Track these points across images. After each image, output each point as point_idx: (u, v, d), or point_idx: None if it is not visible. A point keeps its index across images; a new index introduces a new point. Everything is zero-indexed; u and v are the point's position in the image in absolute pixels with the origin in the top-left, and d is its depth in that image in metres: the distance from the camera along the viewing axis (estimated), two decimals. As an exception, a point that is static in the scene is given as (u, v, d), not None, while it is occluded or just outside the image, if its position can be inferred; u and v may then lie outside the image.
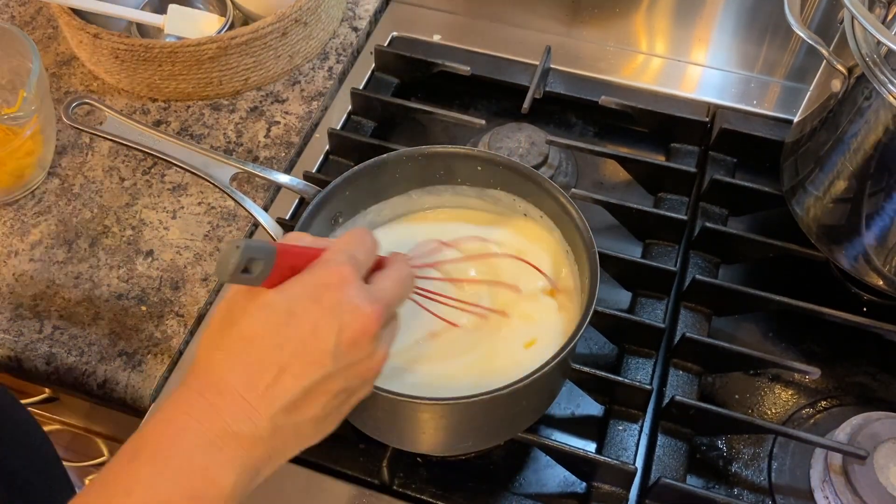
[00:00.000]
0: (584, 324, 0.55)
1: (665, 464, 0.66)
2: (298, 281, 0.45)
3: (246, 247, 0.42)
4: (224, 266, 0.42)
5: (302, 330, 0.44)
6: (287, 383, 0.44)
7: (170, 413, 0.44)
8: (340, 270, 0.46)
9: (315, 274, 0.46)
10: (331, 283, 0.45)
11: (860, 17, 0.55)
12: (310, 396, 0.45)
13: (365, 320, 0.45)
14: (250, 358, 0.44)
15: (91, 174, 0.85)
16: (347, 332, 0.45)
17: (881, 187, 0.63)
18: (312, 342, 0.44)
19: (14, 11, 1.01)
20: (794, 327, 0.75)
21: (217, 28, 0.91)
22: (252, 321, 0.44)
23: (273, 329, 0.44)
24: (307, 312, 0.44)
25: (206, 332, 0.47)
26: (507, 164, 0.66)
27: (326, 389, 0.45)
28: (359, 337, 0.45)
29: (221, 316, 0.46)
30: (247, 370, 0.44)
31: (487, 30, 0.98)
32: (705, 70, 0.94)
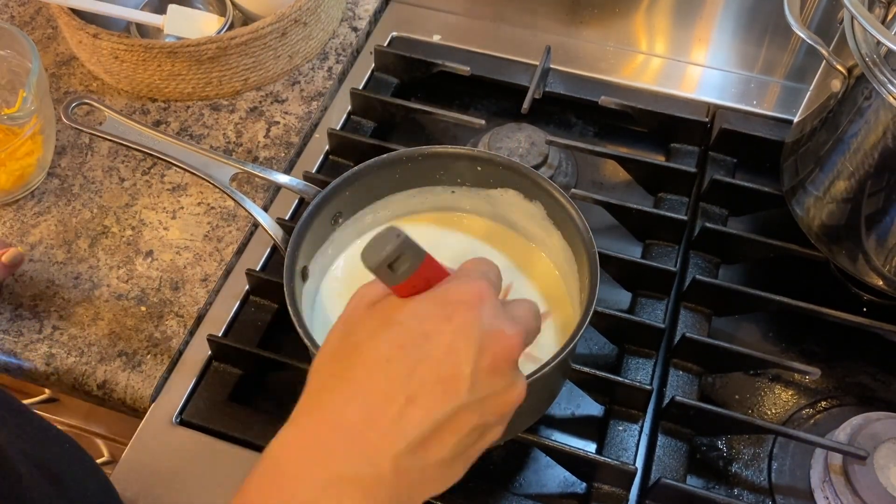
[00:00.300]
0: (584, 324, 0.55)
1: (665, 464, 0.66)
2: (430, 296, 0.40)
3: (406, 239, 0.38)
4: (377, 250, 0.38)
5: (435, 353, 0.38)
6: (415, 417, 0.37)
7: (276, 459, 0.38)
8: (479, 286, 0.40)
9: (449, 289, 0.40)
10: (468, 301, 0.39)
11: (860, 17, 0.55)
12: (440, 433, 0.38)
13: (507, 343, 0.39)
14: (373, 387, 0.38)
15: (91, 174, 0.85)
16: (487, 356, 0.39)
17: (881, 187, 0.63)
18: (447, 368, 0.38)
19: (14, 11, 1.01)
20: (794, 327, 0.75)
21: (217, 28, 0.91)
22: (378, 344, 0.38)
23: (401, 352, 0.38)
24: (442, 332, 0.38)
25: (320, 354, 0.41)
26: (507, 164, 0.66)
27: (459, 425, 0.39)
28: (500, 362, 0.39)
29: (339, 340, 0.40)
30: (368, 402, 0.38)
31: (487, 30, 0.97)
32: (705, 70, 0.94)
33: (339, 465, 0.37)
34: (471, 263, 0.43)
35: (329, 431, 0.38)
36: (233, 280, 0.78)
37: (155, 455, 0.67)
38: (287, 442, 0.39)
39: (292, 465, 0.38)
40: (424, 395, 0.38)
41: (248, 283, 0.76)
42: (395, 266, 0.39)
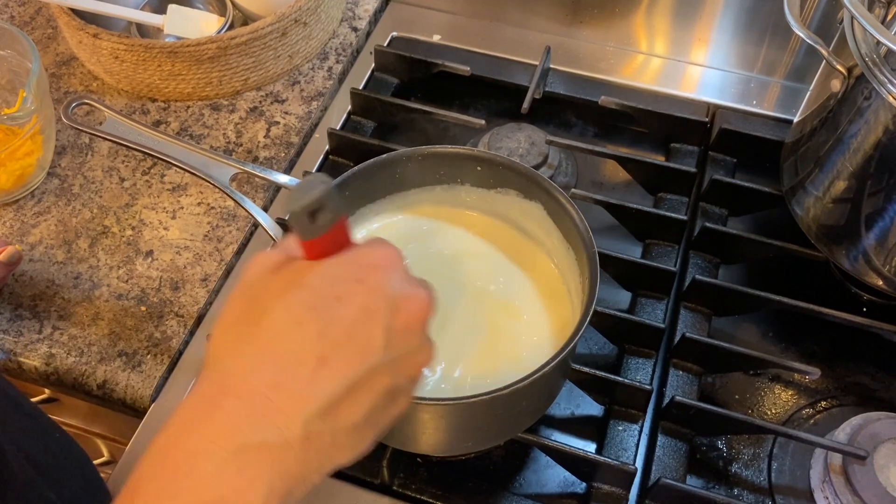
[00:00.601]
0: (584, 324, 0.55)
1: (665, 464, 0.66)
2: (341, 259, 0.38)
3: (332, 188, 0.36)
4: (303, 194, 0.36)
5: (348, 314, 0.37)
6: (328, 378, 0.36)
7: (176, 433, 0.36)
8: (389, 251, 0.40)
9: (361, 252, 0.39)
10: (379, 264, 0.39)
11: (860, 17, 0.55)
12: (352, 395, 0.37)
13: (419, 303, 0.39)
14: (283, 349, 0.36)
15: (91, 174, 0.85)
16: (401, 316, 0.38)
17: (881, 187, 0.63)
18: (360, 328, 0.37)
19: (14, 11, 1.01)
20: (794, 327, 0.75)
21: (217, 28, 0.91)
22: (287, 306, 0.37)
23: (312, 314, 0.36)
24: (354, 293, 0.37)
25: (219, 324, 0.39)
26: (507, 164, 0.66)
27: (372, 386, 0.38)
28: (413, 322, 0.39)
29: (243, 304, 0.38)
30: (277, 365, 0.36)
31: (487, 30, 0.97)
32: (705, 70, 0.94)
33: (244, 433, 0.35)
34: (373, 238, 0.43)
35: (233, 399, 0.36)
36: (233, 280, 0.78)
37: (155, 455, 0.67)
38: (187, 414, 0.37)
39: (193, 437, 0.35)
40: (337, 355, 0.36)
41: (248, 283, 0.75)
42: (317, 217, 0.37)
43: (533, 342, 0.62)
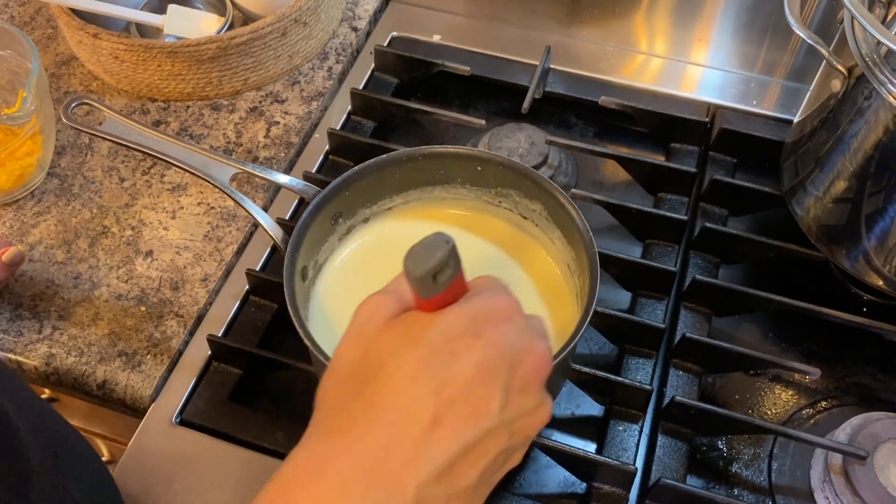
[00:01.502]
0: (584, 324, 0.55)
1: (665, 464, 0.66)
2: (458, 310, 0.37)
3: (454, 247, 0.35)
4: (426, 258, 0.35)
5: (465, 372, 0.35)
6: (442, 440, 0.34)
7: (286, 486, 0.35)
8: (508, 301, 0.38)
9: (478, 303, 0.37)
10: (498, 317, 0.37)
11: (860, 17, 0.55)
12: (467, 458, 0.35)
13: (538, 360, 0.37)
14: (397, 408, 0.34)
15: (90, 174, 0.85)
16: (519, 374, 0.37)
17: (881, 187, 0.63)
18: (477, 387, 0.35)
19: (14, 11, 1.01)
20: (794, 327, 0.75)
21: (216, 28, 0.91)
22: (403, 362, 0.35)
23: (429, 370, 0.35)
24: (471, 350, 0.35)
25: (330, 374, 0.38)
26: (507, 164, 0.66)
27: (486, 448, 0.36)
28: (531, 380, 0.37)
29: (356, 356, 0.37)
30: (390, 425, 0.34)
31: (487, 30, 0.97)
32: (705, 70, 0.94)
33: (354, 496, 0.34)
34: (486, 280, 0.41)
35: (346, 458, 0.34)
36: (233, 280, 0.78)
37: (155, 455, 0.67)
38: (299, 469, 0.35)
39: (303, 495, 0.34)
40: (452, 416, 0.35)
41: (248, 283, 0.76)
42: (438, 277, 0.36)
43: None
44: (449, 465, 0.35)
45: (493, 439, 0.36)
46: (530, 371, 0.37)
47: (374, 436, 0.34)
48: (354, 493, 0.34)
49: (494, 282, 0.40)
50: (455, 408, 0.35)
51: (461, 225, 0.70)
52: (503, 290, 0.39)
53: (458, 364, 0.35)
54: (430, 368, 0.35)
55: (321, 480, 0.34)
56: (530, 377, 0.37)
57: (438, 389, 0.35)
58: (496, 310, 0.37)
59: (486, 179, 0.68)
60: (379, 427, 0.34)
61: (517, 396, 0.36)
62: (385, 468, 0.34)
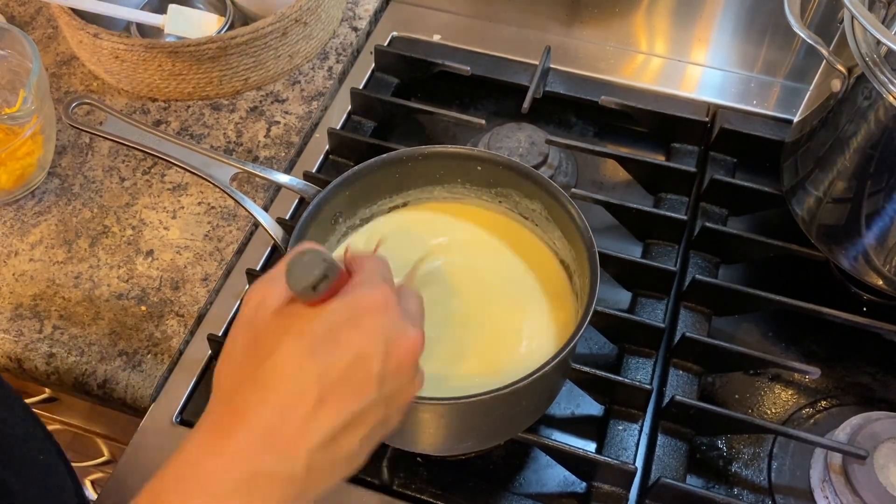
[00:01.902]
0: (584, 324, 0.55)
1: (665, 464, 0.66)
2: (338, 303, 0.42)
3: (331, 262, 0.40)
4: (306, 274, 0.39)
5: (345, 357, 0.40)
6: (327, 415, 0.40)
7: (193, 455, 0.40)
8: (383, 292, 0.43)
9: (356, 296, 0.42)
10: (373, 307, 0.42)
11: (860, 16, 0.55)
12: (349, 429, 0.41)
13: (410, 344, 0.43)
14: (286, 390, 0.40)
15: (91, 174, 0.85)
16: (394, 357, 0.42)
17: (881, 187, 0.63)
18: (356, 370, 0.41)
19: (14, 11, 1.01)
20: (794, 327, 0.75)
21: (217, 28, 0.91)
22: (288, 349, 0.40)
23: (313, 358, 0.40)
24: (350, 339, 0.41)
25: (226, 357, 0.43)
26: (506, 164, 0.66)
27: (366, 420, 0.42)
28: (404, 362, 0.43)
29: (248, 342, 0.42)
30: (281, 403, 0.40)
31: (487, 30, 0.97)
32: (705, 70, 0.94)
33: (254, 462, 0.39)
34: (365, 262, 0.45)
35: (244, 431, 0.39)
36: (233, 280, 0.78)
37: (155, 455, 0.67)
38: (201, 441, 0.40)
39: (207, 462, 0.39)
40: (335, 396, 0.40)
41: (249, 283, 0.76)
42: (318, 287, 0.40)
43: (533, 341, 0.62)
44: (333, 436, 0.40)
45: (372, 412, 0.42)
46: (403, 355, 0.42)
47: (269, 412, 0.39)
48: (253, 459, 0.39)
49: (374, 271, 0.45)
50: (337, 389, 0.40)
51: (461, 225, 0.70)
52: (381, 280, 0.44)
53: (338, 352, 0.40)
54: (314, 356, 0.40)
55: (224, 448, 0.39)
56: (403, 360, 0.43)
57: (322, 375, 0.40)
58: (374, 301, 0.42)
59: (486, 179, 0.68)
60: (271, 406, 0.40)
61: (392, 376, 0.42)
62: (279, 438, 0.39)
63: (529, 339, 0.62)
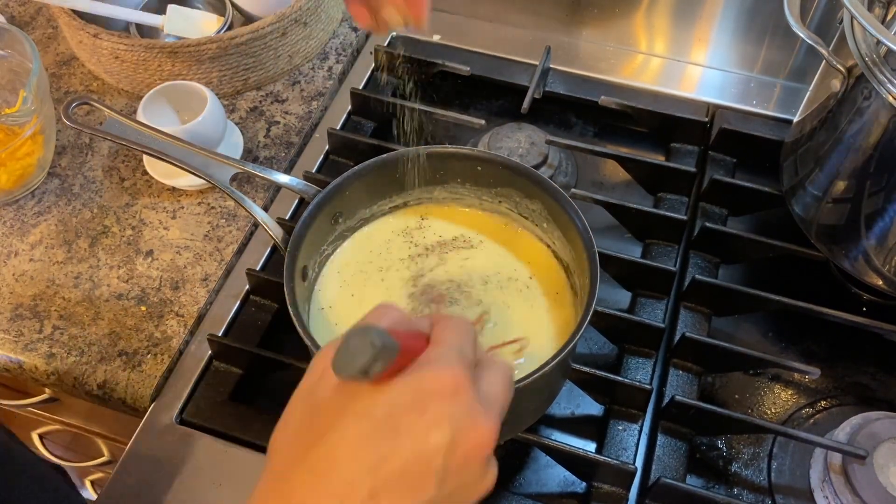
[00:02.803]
0: (584, 324, 0.55)
1: (665, 464, 0.66)
2: (403, 384, 0.38)
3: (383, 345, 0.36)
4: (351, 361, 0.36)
5: (405, 448, 0.37)
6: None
7: None
8: (454, 374, 0.38)
9: (423, 377, 0.38)
10: (442, 391, 0.38)
11: (859, 17, 0.55)
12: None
13: (481, 437, 0.38)
14: (338, 480, 0.36)
15: (91, 174, 0.85)
16: (460, 450, 0.37)
17: (881, 187, 0.63)
18: (415, 463, 0.37)
19: (14, 11, 1.01)
20: (794, 327, 0.75)
21: (216, 28, 0.91)
22: (344, 435, 0.37)
23: (368, 446, 0.37)
24: (412, 427, 0.37)
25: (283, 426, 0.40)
26: (506, 164, 0.66)
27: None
28: (472, 457, 0.38)
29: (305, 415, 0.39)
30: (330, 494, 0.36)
31: (487, 30, 0.97)
32: (705, 70, 0.94)
33: None
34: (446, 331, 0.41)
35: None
36: (233, 280, 0.78)
37: (155, 455, 0.67)
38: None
39: None
40: (389, 490, 0.36)
41: (249, 283, 0.76)
42: (369, 370, 0.36)
43: (533, 341, 0.62)
44: None
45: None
46: (471, 449, 0.38)
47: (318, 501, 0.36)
48: None
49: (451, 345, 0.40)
50: (391, 485, 0.36)
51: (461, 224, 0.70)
52: (457, 357, 0.40)
53: (397, 441, 0.37)
54: (370, 445, 0.36)
55: None
56: (471, 454, 0.38)
57: (377, 467, 0.36)
58: (443, 385, 0.38)
59: (486, 179, 0.68)
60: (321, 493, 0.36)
61: (456, 473, 0.38)
62: None
63: (529, 339, 0.62)
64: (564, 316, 0.64)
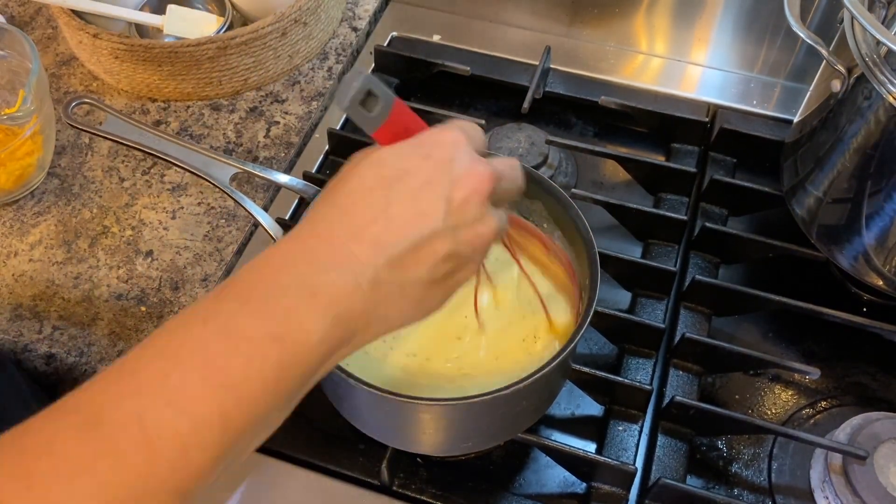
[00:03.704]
0: (585, 324, 0.55)
1: (665, 464, 0.66)
2: (411, 140, 0.45)
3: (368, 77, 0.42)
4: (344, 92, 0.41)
5: (413, 183, 0.43)
6: (394, 234, 0.42)
7: (269, 257, 0.42)
8: (454, 134, 0.45)
9: (429, 134, 0.45)
10: (444, 142, 0.45)
11: (860, 17, 0.55)
12: (417, 253, 0.43)
13: (477, 179, 0.44)
14: (358, 208, 0.43)
15: (91, 174, 0.85)
16: (459, 188, 0.44)
17: (881, 187, 0.63)
18: (422, 195, 0.43)
19: (14, 11, 1.01)
20: (794, 327, 0.75)
21: (216, 28, 0.91)
22: (363, 176, 0.44)
23: (383, 182, 0.43)
24: (419, 168, 0.43)
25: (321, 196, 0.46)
26: (506, 165, 0.66)
27: (434, 249, 0.43)
28: (471, 195, 0.44)
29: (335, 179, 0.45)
30: (353, 222, 0.42)
31: (487, 30, 0.97)
32: (705, 70, 0.94)
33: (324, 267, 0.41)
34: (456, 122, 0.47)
35: (319, 244, 0.42)
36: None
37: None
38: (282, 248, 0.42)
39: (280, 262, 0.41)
40: (401, 218, 0.42)
41: (248, 283, 0.75)
42: (368, 105, 0.42)
43: (533, 342, 0.62)
44: (401, 255, 0.42)
45: (439, 242, 0.43)
46: (470, 189, 0.44)
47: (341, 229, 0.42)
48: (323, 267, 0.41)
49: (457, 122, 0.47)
50: (404, 212, 0.42)
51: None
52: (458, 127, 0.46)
53: (407, 177, 0.43)
54: (383, 179, 0.43)
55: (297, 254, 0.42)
56: (470, 192, 0.44)
57: (390, 198, 0.43)
58: (444, 140, 0.45)
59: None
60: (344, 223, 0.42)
61: (458, 208, 0.43)
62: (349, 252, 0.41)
63: (530, 339, 0.62)
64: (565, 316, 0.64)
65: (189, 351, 0.37)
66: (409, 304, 0.44)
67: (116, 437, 0.34)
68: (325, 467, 0.66)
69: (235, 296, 0.40)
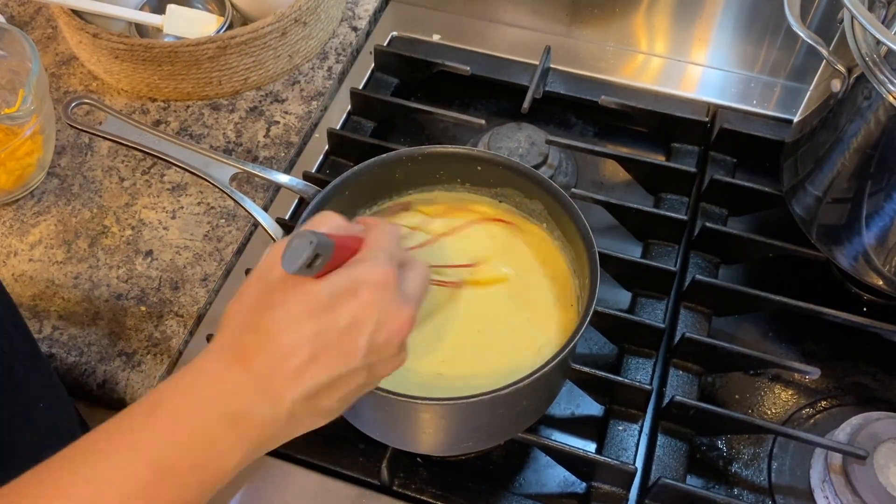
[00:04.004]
0: (584, 324, 0.55)
1: (665, 464, 0.66)
2: (342, 274, 0.46)
3: (319, 243, 0.43)
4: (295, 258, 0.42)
5: (339, 322, 0.44)
6: (314, 372, 0.44)
7: (195, 379, 0.44)
8: (385, 271, 0.46)
9: (359, 270, 0.46)
10: (373, 282, 0.46)
11: (860, 16, 0.55)
12: (332, 388, 0.45)
13: (401, 322, 0.46)
14: (283, 342, 0.44)
15: (90, 174, 0.85)
16: (384, 331, 0.46)
17: (881, 187, 0.63)
18: (347, 336, 0.45)
19: (14, 11, 1.01)
20: (794, 327, 0.75)
21: (216, 28, 0.91)
22: (291, 307, 0.44)
23: (311, 319, 0.44)
24: (346, 305, 0.45)
25: (237, 304, 0.47)
26: (507, 164, 0.66)
27: (348, 383, 0.46)
28: (392, 337, 0.46)
29: (258, 295, 0.46)
30: (277, 353, 0.44)
31: (487, 30, 0.97)
32: (705, 70, 0.94)
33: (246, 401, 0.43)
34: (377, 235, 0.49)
35: (242, 373, 0.44)
36: (233, 280, 0.78)
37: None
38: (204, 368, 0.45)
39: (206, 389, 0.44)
40: (325, 356, 0.44)
41: (248, 283, 0.75)
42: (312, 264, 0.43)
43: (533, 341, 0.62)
44: (318, 391, 0.45)
45: (354, 377, 0.46)
46: (393, 331, 0.46)
47: (264, 360, 0.44)
48: (246, 396, 0.43)
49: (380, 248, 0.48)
50: (328, 350, 0.44)
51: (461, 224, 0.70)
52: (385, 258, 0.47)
53: (334, 317, 0.44)
54: (313, 318, 0.44)
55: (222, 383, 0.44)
56: (392, 335, 0.46)
57: (317, 335, 0.44)
58: (374, 277, 0.46)
59: (486, 179, 0.68)
60: (268, 353, 0.44)
61: (379, 349, 0.46)
62: (270, 384, 0.44)
63: (529, 339, 0.62)
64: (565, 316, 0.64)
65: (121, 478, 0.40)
66: (314, 423, 0.47)
67: None
68: (325, 467, 0.66)
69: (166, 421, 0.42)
